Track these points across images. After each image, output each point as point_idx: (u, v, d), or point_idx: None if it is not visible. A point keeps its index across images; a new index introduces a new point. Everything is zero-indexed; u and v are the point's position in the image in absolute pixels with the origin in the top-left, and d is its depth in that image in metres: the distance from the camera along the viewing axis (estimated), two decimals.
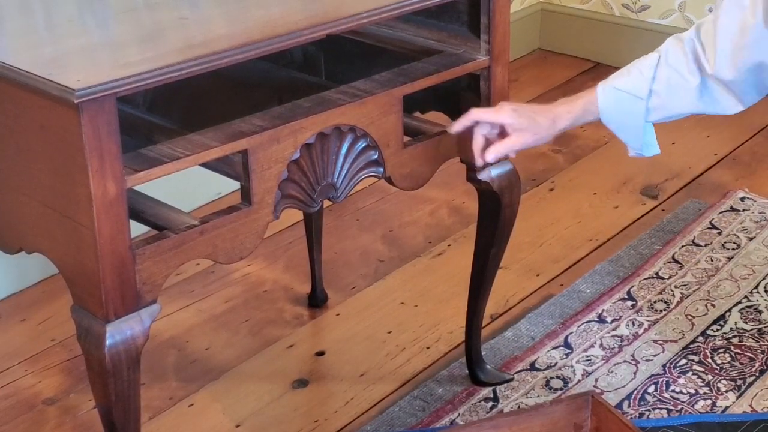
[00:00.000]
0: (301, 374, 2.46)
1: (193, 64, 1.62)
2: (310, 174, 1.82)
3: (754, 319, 2.57)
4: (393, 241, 2.99)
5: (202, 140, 1.71)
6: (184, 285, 2.78)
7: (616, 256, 2.86)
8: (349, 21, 1.81)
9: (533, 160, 3.40)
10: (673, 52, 1.90)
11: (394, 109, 1.91)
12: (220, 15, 1.87)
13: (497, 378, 2.38)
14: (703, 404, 2.29)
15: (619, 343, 2.51)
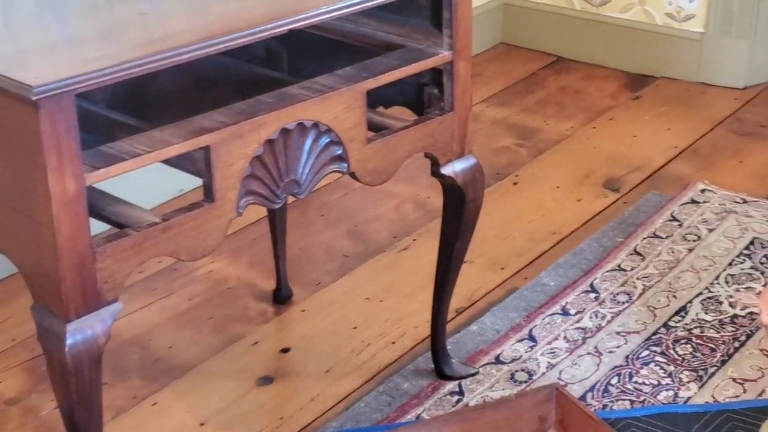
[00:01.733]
0: (266, 371, 2.45)
1: (154, 60, 1.61)
2: (274, 170, 1.82)
3: (715, 310, 2.59)
4: (358, 237, 2.99)
5: (163, 137, 1.69)
6: (146, 283, 2.76)
7: (579, 249, 2.88)
8: (311, 16, 1.80)
9: (497, 154, 3.41)
10: None
11: (357, 104, 1.90)
12: (181, 10, 1.85)
13: (463, 372, 2.39)
14: (666, 395, 2.31)
15: (582, 335, 2.52)
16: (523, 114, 3.69)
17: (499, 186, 3.25)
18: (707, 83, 3.88)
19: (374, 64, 1.98)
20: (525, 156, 3.42)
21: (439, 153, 2.10)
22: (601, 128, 3.58)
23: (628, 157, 3.38)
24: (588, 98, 3.79)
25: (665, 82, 3.92)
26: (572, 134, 3.52)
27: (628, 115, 3.67)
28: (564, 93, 3.83)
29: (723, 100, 3.78)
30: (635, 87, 3.89)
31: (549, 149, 3.46)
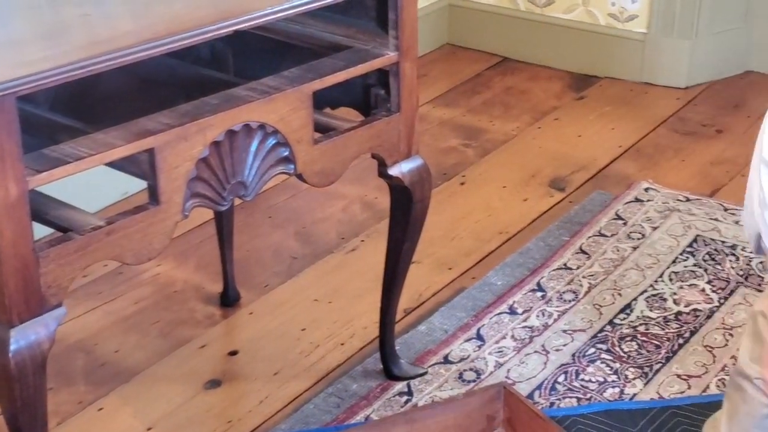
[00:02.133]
0: (214, 374, 2.44)
1: (97, 62, 1.59)
2: (220, 172, 1.81)
3: (659, 307, 2.63)
4: (306, 238, 2.98)
5: (107, 139, 1.68)
6: (91, 287, 2.73)
7: (526, 248, 2.90)
8: (256, 17, 1.80)
9: (444, 155, 3.43)
10: None
11: (303, 105, 1.90)
12: (125, 11, 1.83)
13: (411, 372, 2.39)
14: (612, 392, 2.34)
15: (529, 334, 2.54)
16: (470, 114, 3.71)
17: (446, 186, 3.26)
18: (650, 83, 3.93)
19: (320, 65, 1.98)
20: (471, 156, 3.44)
21: (386, 154, 2.10)
22: (547, 128, 3.61)
23: (574, 157, 3.41)
24: (533, 98, 3.82)
25: (609, 82, 3.96)
26: (518, 134, 3.54)
27: (573, 115, 3.71)
28: (509, 93, 3.86)
29: (665, 100, 3.83)
30: (579, 87, 3.93)
31: (495, 149, 3.48)
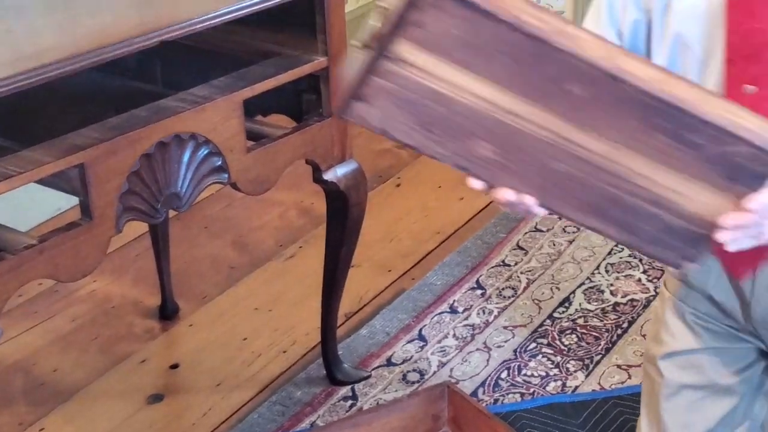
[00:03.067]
0: (156, 389, 2.41)
1: (22, 78, 1.57)
2: (152, 184, 1.79)
3: (597, 299, 2.66)
4: (243, 247, 2.97)
5: (35, 156, 1.65)
6: (27, 306, 2.69)
7: (464, 247, 2.91)
8: (182, 27, 1.78)
9: (378, 157, 3.43)
10: None
11: (234, 113, 1.89)
12: (49, 26, 1.81)
13: (355, 376, 2.40)
14: (554, 385, 2.36)
15: (471, 332, 2.56)
16: None
17: (383, 189, 3.27)
18: None
19: (250, 72, 1.97)
20: (406, 157, 3.45)
21: (320, 159, 2.10)
22: None
23: None
24: None
25: None
26: None
27: None
28: None
29: None
30: None
31: None
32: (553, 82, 1.12)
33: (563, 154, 1.17)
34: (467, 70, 1.13)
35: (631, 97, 1.12)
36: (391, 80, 1.14)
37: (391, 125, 1.18)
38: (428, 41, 1.11)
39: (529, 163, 1.19)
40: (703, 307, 1.53)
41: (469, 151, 1.19)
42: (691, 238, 1.23)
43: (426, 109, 1.16)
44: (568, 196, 1.21)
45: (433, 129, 1.18)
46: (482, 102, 1.14)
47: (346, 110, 1.18)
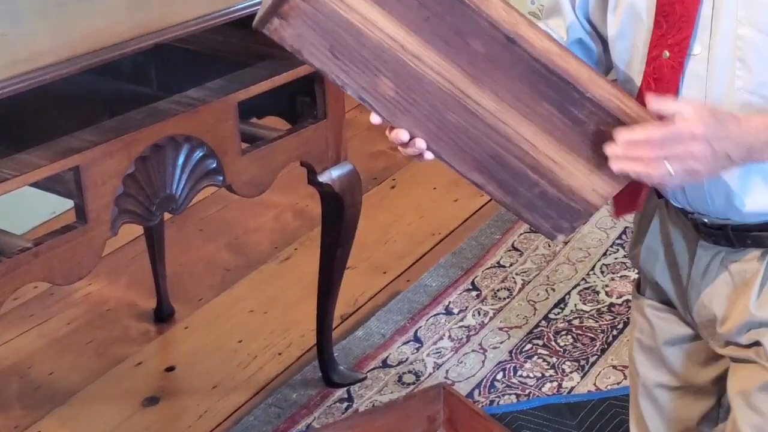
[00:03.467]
0: (151, 392, 2.41)
1: (17, 81, 1.57)
2: (147, 187, 1.79)
3: (592, 300, 2.66)
4: (238, 249, 2.97)
5: (31, 159, 1.65)
6: (22, 309, 2.69)
7: (459, 249, 2.92)
8: (176, 29, 1.79)
9: (373, 159, 3.43)
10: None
11: (229, 116, 1.89)
12: (43, 29, 1.81)
13: (351, 378, 2.40)
14: (550, 386, 2.36)
15: (466, 333, 2.56)
16: None
17: (377, 190, 3.27)
18: None
19: (244, 75, 1.97)
20: (401, 159, 3.45)
21: (314, 161, 2.10)
22: None
23: None
24: None
25: None
26: None
27: None
28: None
29: None
30: None
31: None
32: (458, 34, 1.21)
33: (458, 106, 1.26)
34: (380, 7, 1.21)
35: (525, 63, 1.22)
36: (309, 2, 1.21)
37: (304, 46, 1.24)
38: None
39: (426, 109, 1.27)
40: (656, 296, 1.55)
41: (372, 86, 1.26)
42: (565, 209, 1.32)
43: (337, 37, 1.23)
44: (456, 147, 1.29)
45: (342, 57, 1.24)
46: (390, 41, 1.22)
47: (265, 25, 1.24)
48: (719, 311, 1.44)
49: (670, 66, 1.32)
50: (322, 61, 1.24)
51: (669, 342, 1.55)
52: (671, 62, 1.32)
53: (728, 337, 1.45)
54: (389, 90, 1.26)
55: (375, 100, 1.26)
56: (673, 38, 1.31)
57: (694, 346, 1.54)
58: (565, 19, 1.47)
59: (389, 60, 1.23)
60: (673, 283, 1.50)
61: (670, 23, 1.31)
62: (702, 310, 1.46)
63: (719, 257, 1.42)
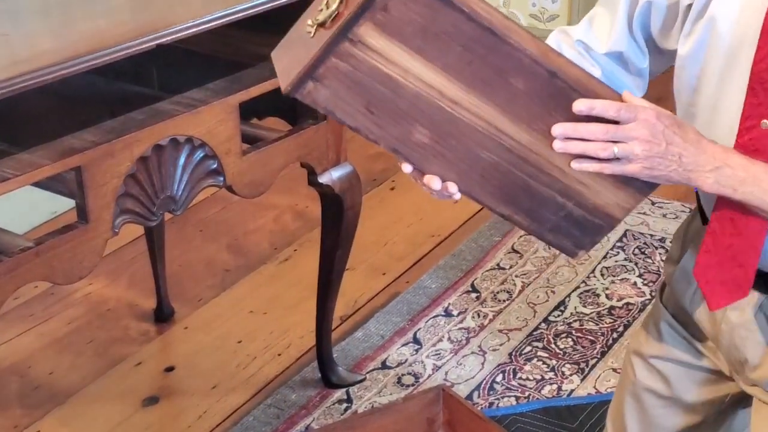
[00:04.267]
0: (151, 391, 2.41)
1: (19, 82, 1.57)
2: (148, 187, 1.79)
3: (592, 302, 2.67)
4: (238, 250, 2.97)
5: (32, 159, 1.65)
6: (22, 309, 2.69)
7: (459, 250, 2.92)
8: (178, 31, 1.79)
9: (373, 161, 3.44)
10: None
11: (230, 117, 1.89)
12: (45, 30, 1.81)
13: (350, 379, 2.40)
14: (550, 389, 2.37)
15: (466, 335, 2.56)
16: None
17: (377, 192, 3.27)
18: None
19: (245, 76, 1.98)
20: None
21: (315, 162, 2.11)
22: None
23: None
24: None
25: None
26: None
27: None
28: None
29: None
30: None
31: None
32: (499, 74, 1.20)
33: (492, 143, 1.25)
34: (420, 56, 1.18)
35: (564, 94, 1.21)
36: (347, 62, 1.18)
37: (338, 106, 1.21)
38: (390, 26, 1.16)
39: (459, 150, 1.26)
40: (679, 314, 1.51)
41: (407, 136, 1.24)
42: (589, 227, 1.32)
43: (374, 92, 1.20)
44: (487, 183, 1.29)
45: (378, 112, 1.22)
46: (429, 89, 1.21)
47: (299, 90, 1.20)
48: (752, 357, 1.41)
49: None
50: (356, 118, 1.22)
51: (674, 360, 1.52)
52: None
53: (758, 383, 1.42)
54: (424, 138, 1.24)
55: (409, 150, 1.24)
56: None
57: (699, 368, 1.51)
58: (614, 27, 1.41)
59: (426, 108, 1.22)
60: (706, 316, 1.45)
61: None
62: (733, 351, 1.43)
63: (760, 302, 1.38)
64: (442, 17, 1.15)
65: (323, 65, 1.17)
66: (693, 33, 1.34)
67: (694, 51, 1.33)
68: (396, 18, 1.15)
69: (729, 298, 1.35)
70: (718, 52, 1.31)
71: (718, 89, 1.32)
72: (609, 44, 1.41)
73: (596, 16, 1.44)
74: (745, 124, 1.27)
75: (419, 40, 1.17)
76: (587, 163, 1.24)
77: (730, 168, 1.24)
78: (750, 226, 1.29)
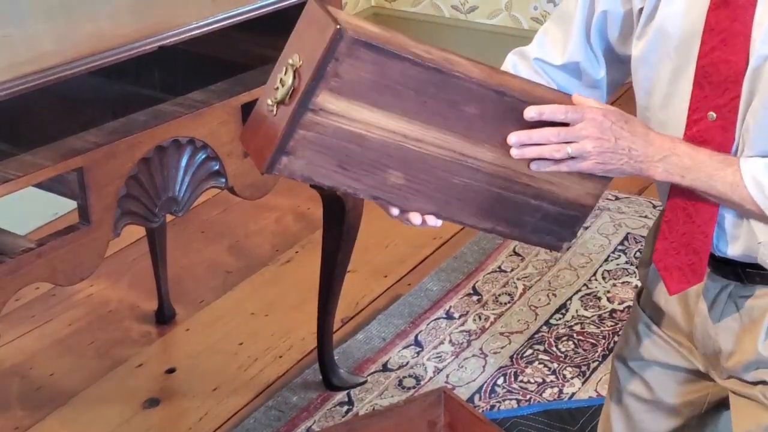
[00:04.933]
0: (152, 393, 2.41)
1: (21, 83, 1.57)
2: (150, 189, 1.79)
3: (594, 305, 2.67)
4: (240, 252, 2.97)
5: (34, 160, 1.65)
6: (24, 310, 2.69)
7: (460, 253, 2.92)
8: (180, 32, 1.79)
9: None
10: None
11: (232, 118, 1.89)
12: (47, 31, 1.82)
13: (351, 381, 2.40)
14: (551, 392, 2.36)
15: (467, 337, 2.56)
16: None
17: None
18: None
19: (248, 77, 1.98)
20: None
21: None
22: None
23: None
24: None
25: None
26: None
27: None
28: None
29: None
30: None
31: None
32: (453, 106, 1.26)
33: (461, 168, 1.31)
34: (379, 108, 1.25)
35: (515, 109, 1.28)
36: (314, 130, 1.23)
37: (313, 171, 1.27)
38: (345, 88, 1.22)
39: (433, 182, 1.32)
40: (656, 315, 1.54)
41: (382, 182, 1.30)
42: (565, 220, 1.40)
43: (343, 150, 1.26)
44: (466, 205, 1.35)
45: (349, 167, 1.28)
46: (393, 135, 1.27)
47: (274, 166, 1.24)
48: (725, 345, 1.43)
49: (720, 127, 1.31)
50: (333, 178, 1.27)
51: (652, 362, 1.55)
52: (721, 123, 1.31)
53: (733, 372, 1.44)
54: (399, 179, 1.30)
55: (388, 194, 1.31)
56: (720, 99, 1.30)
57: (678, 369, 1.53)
58: (569, 39, 1.45)
59: (394, 153, 1.28)
60: (679, 310, 1.48)
61: (714, 84, 1.31)
62: (707, 341, 1.45)
63: (728, 290, 1.42)
64: (390, 69, 1.22)
65: (292, 139, 1.23)
66: (644, 35, 1.38)
67: (645, 53, 1.38)
68: (349, 80, 1.21)
69: (686, 282, 1.40)
70: (668, 52, 1.35)
71: (669, 88, 1.36)
72: (565, 56, 1.46)
73: (550, 30, 1.49)
74: (692, 116, 1.33)
75: (374, 94, 1.23)
76: (545, 165, 1.30)
77: (677, 156, 1.31)
78: (700, 214, 1.35)
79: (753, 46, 1.28)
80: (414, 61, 1.22)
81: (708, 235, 1.36)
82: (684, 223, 1.38)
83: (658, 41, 1.36)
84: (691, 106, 1.33)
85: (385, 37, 1.23)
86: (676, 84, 1.36)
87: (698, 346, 1.48)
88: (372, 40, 1.20)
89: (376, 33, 1.22)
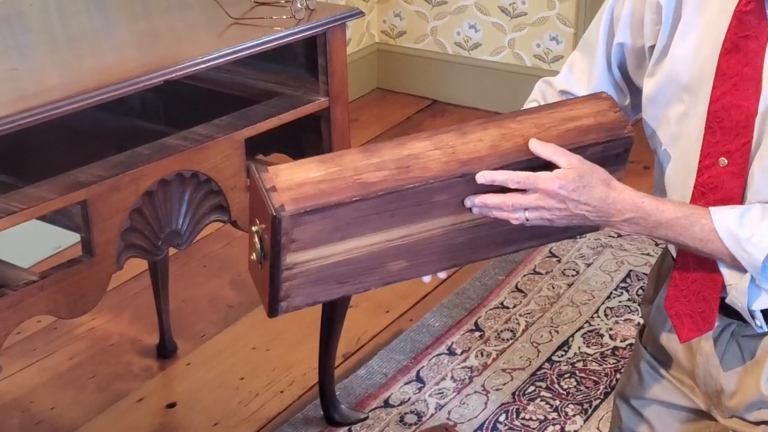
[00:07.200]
0: (152, 428, 2.40)
1: (26, 116, 1.58)
2: (154, 222, 1.80)
3: (596, 342, 2.66)
4: (242, 286, 2.96)
5: (39, 193, 1.66)
6: (25, 343, 2.68)
7: (462, 289, 2.91)
8: (185, 67, 1.80)
9: None
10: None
11: (236, 152, 1.90)
12: (53, 64, 1.83)
13: (352, 417, 2.39)
14: (553, 429, 2.35)
15: (469, 374, 2.55)
16: None
17: None
18: None
19: (252, 112, 1.99)
20: None
21: None
22: None
23: None
24: None
25: None
26: None
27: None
28: None
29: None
30: None
31: None
32: (422, 203, 1.30)
33: (459, 232, 1.36)
34: (350, 238, 1.30)
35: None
36: (298, 277, 1.30)
37: (317, 297, 1.35)
38: (307, 243, 1.27)
39: (438, 252, 1.37)
40: (658, 354, 1.53)
41: (387, 273, 1.36)
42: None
43: (336, 274, 1.33)
44: (480, 249, 1.41)
45: (349, 280, 1.34)
46: (376, 245, 1.32)
47: (278, 311, 1.33)
48: (728, 385, 1.43)
49: (731, 173, 1.31)
50: (338, 292, 1.35)
51: (654, 400, 1.54)
52: (731, 169, 1.31)
53: (735, 411, 1.44)
54: (401, 264, 1.36)
55: (396, 277, 1.37)
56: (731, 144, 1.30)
57: (680, 408, 1.53)
58: (593, 69, 1.46)
59: (385, 252, 1.33)
60: (681, 348, 1.48)
61: (725, 129, 1.30)
62: (710, 380, 1.45)
63: (730, 329, 1.41)
64: (341, 214, 1.26)
65: (281, 290, 1.30)
66: (654, 74, 1.39)
67: (654, 93, 1.38)
68: (308, 236, 1.26)
69: (696, 330, 1.40)
70: (677, 93, 1.35)
71: (676, 128, 1.36)
72: (590, 85, 1.46)
73: (576, 61, 1.49)
74: (704, 162, 1.33)
75: (338, 233, 1.28)
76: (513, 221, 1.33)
77: (642, 217, 1.32)
78: (709, 262, 1.35)
79: (764, 90, 1.27)
80: (360, 199, 1.26)
81: (717, 283, 1.35)
82: (694, 271, 1.37)
83: (667, 81, 1.35)
84: (703, 152, 1.32)
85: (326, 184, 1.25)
86: (681, 123, 1.35)
87: (700, 384, 1.47)
88: (311, 204, 1.24)
89: (315, 190, 1.25)
